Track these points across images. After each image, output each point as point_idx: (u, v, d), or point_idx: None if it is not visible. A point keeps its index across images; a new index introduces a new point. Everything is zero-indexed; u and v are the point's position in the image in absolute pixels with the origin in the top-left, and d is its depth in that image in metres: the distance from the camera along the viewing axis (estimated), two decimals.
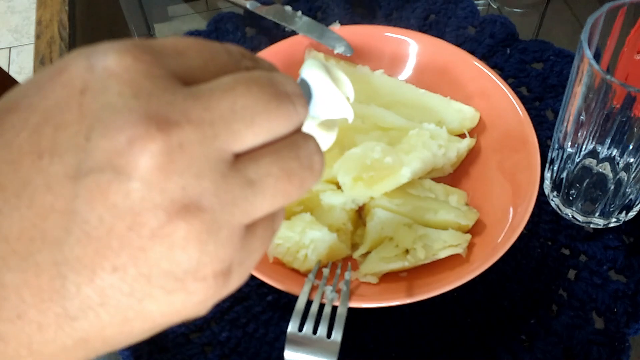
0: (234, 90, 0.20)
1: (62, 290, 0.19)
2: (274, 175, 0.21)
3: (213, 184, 0.20)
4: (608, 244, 0.48)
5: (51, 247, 0.19)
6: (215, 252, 0.20)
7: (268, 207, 0.21)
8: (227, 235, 0.20)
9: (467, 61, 0.53)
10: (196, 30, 0.63)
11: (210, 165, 0.19)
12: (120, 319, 0.20)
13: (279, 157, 0.21)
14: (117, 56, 0.20)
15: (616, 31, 0.44)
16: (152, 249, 0.19)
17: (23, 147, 0.19)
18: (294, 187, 0.21)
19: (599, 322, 0.45)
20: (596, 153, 0.45)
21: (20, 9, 1.81)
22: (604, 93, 0.40)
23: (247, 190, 0.20)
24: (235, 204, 0.20)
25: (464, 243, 0.44)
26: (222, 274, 0.21)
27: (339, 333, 0.39)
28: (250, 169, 0.20)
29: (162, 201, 0.19)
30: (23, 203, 0.19)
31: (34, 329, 0.19)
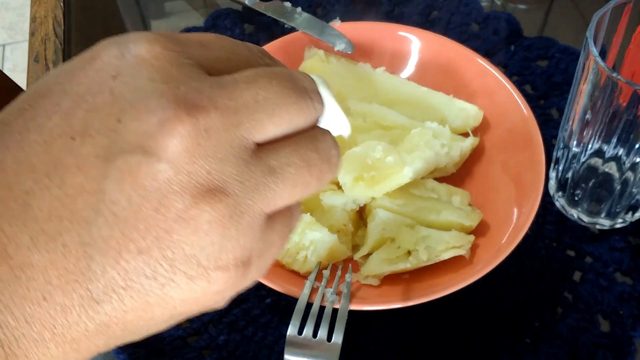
0: (256, 82, 0.21)
1: (87, 271, 0.19)
2: (295, 165, 0.22)
3: (236, 170, 0.20)
4: (614, 245, 0.47)
5: (79, 228, 0.19)
6: (237, 238, 0.21)
7: (288, 196, 0.22)
8: (249, 221, 0.21)
9: (470, 58, 0.52)
10: (193, 27, 0.63)
11: (234, 152, 0.20)
12: (142, 303, 0.20)
13: (298, 148, 0.22)
14: (147, 44, 0.20)
15: (622, 28, 0.43)
16: (177, 231, 0.20)
17: (55, 129, 0.20)
18: (313, 178, 0.22)
19: (604, 325, 0.44)
20: (602, 152, 0.44)
21: (15, 5, 1.80)
22: (610, 91, 0.39)
23: (269, 178, 0.21)
24: (257, 190, 0.21)
25: (467, 244, 0.43)
26: (243, 263, 0.21)
27: (340, 336, 0.38)
28: (272, 157, 0.21)
29: (188, 184, 0.20)
30: (54, 183, 0.19)
31: (59, 311, 0.20)
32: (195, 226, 0.20)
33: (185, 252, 0.20)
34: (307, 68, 0.52)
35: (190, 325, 0.45)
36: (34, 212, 0.19)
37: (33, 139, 0.20)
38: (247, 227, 0.21)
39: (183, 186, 0.20)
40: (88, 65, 0.21)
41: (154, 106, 0.19)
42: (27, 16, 0.68)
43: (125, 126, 0.19)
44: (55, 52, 0.62)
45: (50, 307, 0.20)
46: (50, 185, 0.19)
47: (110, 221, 0.19)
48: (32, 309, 0.20)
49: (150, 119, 0.19)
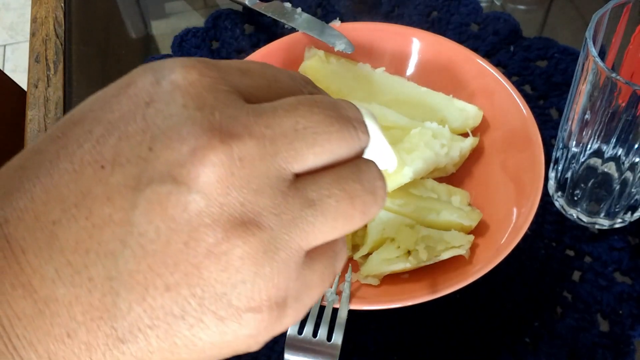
0: (296, 110, 0.20)
1: (113, 308, 0.19)
2: (336, 196, 0.20)
3: (272, 202, 0.19)
4: (613, 245, 0.47)
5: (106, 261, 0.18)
6: (271, 277, 0.19)
7: (329, 231, 0.20)
8: (285, 258, 0.19)
9: (470, 59, 0.52)
10: (194, 27, 0.63)
11: (270, 182, 0.19)
12: (169, 344, 0.19)
13: (340, 178, 0.21)
14: (183, 71, 0.20)
15: (621, 29, 0.43)
16: (207, 267, 0.19)
17: (85, 157, 0.19)
18: (356, 211, 0.21)
19: (604, 325, 0.44)
20: (601, 152, 0.44)
21: (15, 6, 1.80)
22: (609, 91, 0.40)
23: (307, 211, 0.20)
24: (295, 224, 0.20)
25: (466, 244, 0.43)
26: (277, 305, 0.20)
27: (340, 336, 0.38)
28: (311, 188, 0.20)
29: (220, 216, 0.19)
30: (82, 213, 0.19)
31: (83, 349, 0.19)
32: (226, 262, 0.19)
33: (215, 291, 0.19)
34: (307, 68, 0.52)
35: None
36: (60, 243, 0.19)
37: (63, 167, 0.19)
38: (282, 264, 0.19)
39: (215, 218, 0.18)
40: (122, 92, 0.20)
41: (186, 134, 0.19)
42: (28, 17, 0.68)
43: (157, 154, 0.19)
44: (55, 53, 0.62)
45: (75, 345, 0.19)
46: (78, 216, 0.19)
47: (137, 254, 0.18)
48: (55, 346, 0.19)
49: (182, 147, 0.18)
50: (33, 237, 0.19)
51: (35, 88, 0.59)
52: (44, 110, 0.58)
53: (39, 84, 0.60)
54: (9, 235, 0.19)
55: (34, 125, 0.57)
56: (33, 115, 0.57)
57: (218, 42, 0.63)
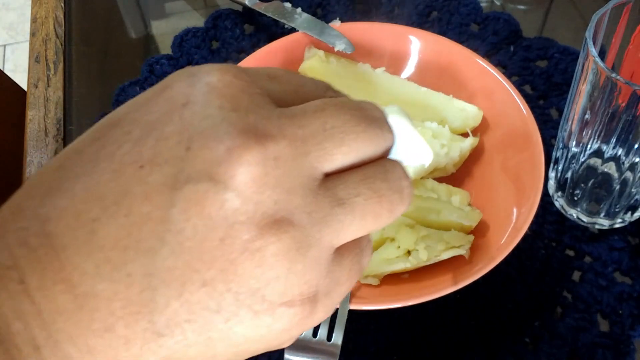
0: (324, 111, 0.21)
1: (151, 303, 0.19)
2: (364, 195, 0.21)
3: (304, 201, 0.20)
4: (613, 245, 0.47)
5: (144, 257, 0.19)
6: (303, 273, 0.20)
7: (357, 229, 0.21)
8: (316, 255, 0.20)
9: (469, 59, 0.52)
10: (194, 27, 0.63)
11: (302, 182, 0.20)
12: (205, 338, 0.20)
13: (367, 178, 0.21)
14: (218, 73, 0.20)
15: (621, 29, 0.43)
16: (242, 264, 0.19)
17: (124, 158, 0.20)
18: (383, 210, 0.21)
19: (604, 325, 0.44)
20: (601, 152, 0.44)
21: (15, 5, 1.80)
22: (609, 91, 0.40)
23: (337, 209, 0.20)
24: (325, 222, 0.20)
25: (466, 244, 0.43)
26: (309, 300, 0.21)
27: (340, 336, 0.38)
28: (340, 188, 0.21)
29: (255, 214, 0.19)
30: (121, 211, 0.19)
31: (121, 343, 0.19)
32: (261, 258, 0.19)
33: (250, 286, 0.19)
34: (307, 68, 0.52)
35: None
36: (100, 241, 0.19)
37: (103, 167, 0.20)
38: (314, 261, 0.20)
39: (249, 216, 0.19)
40: (159, 95, 0.21)
41: (223, 134, 0.19)
42: (28, 16, 0.68)
43: (194, 154, 0.19)
44: (55, 53, 0.62)
45: (113, 340, 0.19)
46: (118, 214, 0.19)
47: (175, 251, 0.19)
48: (94, 340, 0.19)
49: (218, 147, 0.19)
50: (73, 235, 0.19)
51: (35, 88, 0.59)
52: (44, 110, 0.58)
53: (39, 84, 0.60)
54: (50, 233, 0.19)
55: (34, 125, 0.57)
56: (33, 115, 0.57)
57: (218, 42, 0.63)
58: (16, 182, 0.55)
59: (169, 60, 0.61)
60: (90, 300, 0.19)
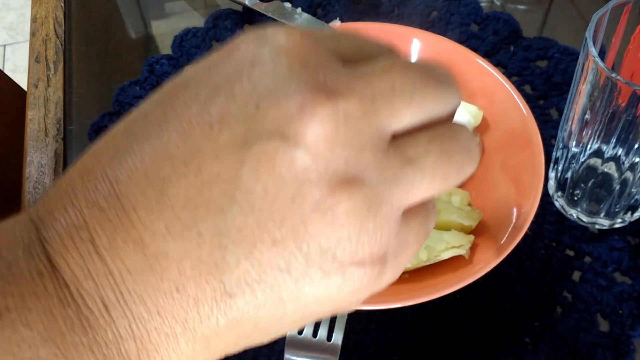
0: (392, 69, 0.20)
1: (221, 263, 0.19)
2: (434, 154, 0.21)
3: (374, 159, 0.19)
4: (613, 245, 0.47)
5: (214, 217, 0.19)
6: (374, 232, 0.20)
7: (426, 188, 0.21)
8: (387, 215, 0.20)
9: (469, 59, 0.52)
10: (194, 27, 0.63)
11: (372, 140, 0.19)
12: (275, 299, 0.20)
13: (436, 137, 0.21)
14: (286, 34, 0.20)
15: (621, 29, 0.43)
16: (313, 222, 0.19)
17: (193, 119, 0.19)
18: (452, 170, 0.21)
19: (604, 325, 0.44)
20: (601, 152, 0.44)
21: (15, 5, 1.80)
22: (609, 91, 0.40)
23: (407, 168, 0.20)
24: (395, 181, 0.20)
25: (466, 244, 0.43)
26: (379, 261, 0.20)
27: (340, 335, 0.38)
28: (410, 146, 0.20)
29: (326, 172, 0.19)
30: (191, 171, 0.19)
31: (191, 304, 0.19)
32: (332, 217, 0.19)
33: (320, 245, 0.19)
34: None
35: None
36: (170, 200, 0.19)
37: (172, 128, 0.20)
38: (384, 220, 0.20)
39: (320, 174, 0.19)
40: (226, 56, 0.21)
41: (293, 91, 0.19)
42: (28, 16, 0.68)
43: (264, 112, 0.19)
44: (56, 53, 0.62)
45: (183, 300, 0.19)
46: (188, 173, 0.19)
47: (245, 210, 0.19)
48: (164, 300, 0.19)
49: (289, 104, 0.19)
50: (144, 195, 0.19)
51: (35, 88, 0.59)
52: (44, 110, 0.58)
53: (39, 84, 0.60)
54: (121, 194, 0.19)
55: (34, 125, 0.57)
56: (33, 115, 0.57)
57: (218, 42, 0.63)
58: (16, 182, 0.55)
59: (169, 60, 0.61)
60: (160, 260, 0.19)
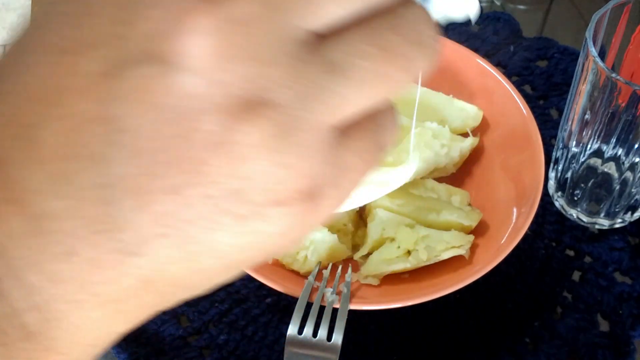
0: None
1: (117, 219, 0.16)
2: (366, 54, 0.16)
3: (284, 72, 0.15)
4: (613, 245, 0.47)
5: (93, 166, 0.16)
6: (294, 164, 0.16)
7: (360, 99, 0.16)
8: (308, 140, 0.16)
9: (470, 59, 0.52)
10: None
11: (280, 47, 0.15)
12: (187, 253, 0.17)
13: (372, 31, 0.16)
14: None
15: (621, 29, 0.43)
16: (214, 162, 0.15)
17: (50, 48, 0.16)
18: (396, 69, 0.17)
19: (604, 325, 0.44)
20: (601, 152, 0.44)
21: (16, 5, 1.80)
22: (609, 91, 0.40)
23: (328, 76, 0.16)
24: (315, 96, 0.16)
25: (466, 244, 0.43)
26: (308, 196, 0.17)
27: (340, 336, 0.38)
28: (334, 48, 0.16)
29: (222, 97, 0.15)
30: (57, 112, 0.15)
31: (91, 267, 0.16)
32: (238, 153, 0.15)
33: (229, 187, 0.16)
34: None
35: (191, 324, 0.45)
36: (41, 151, 0.16)
37: (42, 60, 0.16)
38: (305, 147, 0.16)
39: (215, 101, 0.15)
40: None
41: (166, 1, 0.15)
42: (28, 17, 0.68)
43: (134, 29, 0.15)
44: None
45: (81, 263, 0.16)
46: (54, 116, 0.15)
47: (127, 155, 0.15)
48: (59, 266, 0.16)
49: (163, 15, 0.15)
50: (13, 146, 0.16)
51: None
52: None
53: None
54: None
55: None
56: None
57: None
58: None
59: None
60: (44, 222, 0.16)
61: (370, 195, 0.41)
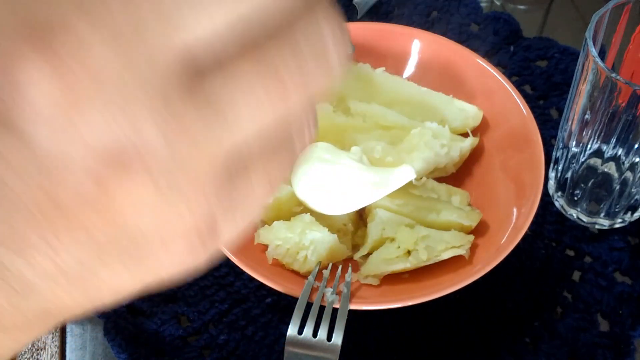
0: None
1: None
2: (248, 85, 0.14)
3: (153, 115, 0.13)
4: (613, 245, 0.47)
5: None
6: (182, 210, 0.14)
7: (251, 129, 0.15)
8: (192, 182, 0.14)
9: (470, 59, 0.52)
10: None
11: (143, 83, 0.13)
12: (80, 291, 0.15)
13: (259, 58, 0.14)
14: None
15: (621, 29, 0.43)
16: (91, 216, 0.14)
17: None
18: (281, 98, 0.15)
19: (604, 325, 0.44)
20: (601, 152, 0.44)
21: None
22: (609, 91, 0.40)
23: (210, 117, 0.14)
24: (194, 140, 0.14)
25: (466, 244, 0.43)
26: (200, 232, 0.15)
27: (340, 336, 0.38)
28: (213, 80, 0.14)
29: (86, 154, 0.13)
30: None
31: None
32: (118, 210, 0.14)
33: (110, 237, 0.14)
34: None
35: (191, 324, 0.45)
36: None
37: None
38: (191, 191, 0.14)
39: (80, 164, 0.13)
40: None
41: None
42: None
43: None
44: None
45: None
46: None
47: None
48: None
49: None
50: None
51: None
52: None
53: None
54: None
55: None
56: None
57: None
58: None
59: None
60: None
61: (370, 196, 0.41)
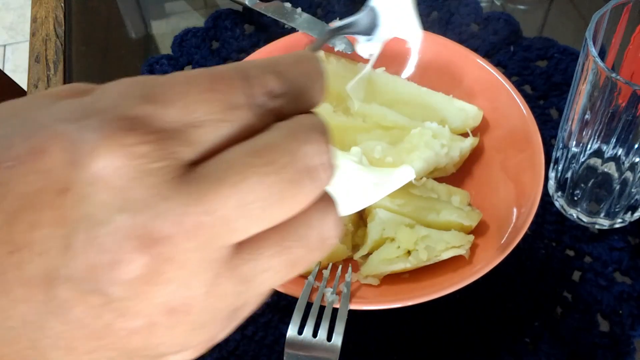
0: (244, 182, 0.17)
1: None
2: (274, 269, 0.19)
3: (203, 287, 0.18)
4: (613, 245, 0.47)
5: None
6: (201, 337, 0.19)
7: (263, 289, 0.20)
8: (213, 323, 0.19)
9: (470, 59, 0.52)
10: (194, 27, 0.63)
11: (204, 267, 0.18)
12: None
13: (283, 249, 0.19)
14: (105, 155, 0.17)
15: (621, 29, 0.43)
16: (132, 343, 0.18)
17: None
18: (295, 271, 0.20)
19: (604, 325, 0.44)
20: (601, 152, 0.44)
21: (15, 5, 1.80)
22: (609, 91, 0.40)
23: (240, 288, 0.19)
24: (224, 301, 0.19)
25: (466, 244, 0.43)
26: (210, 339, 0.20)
27: (340, 336, 0.38)
28: (247, 265, 0.19)
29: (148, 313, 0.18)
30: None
31: None
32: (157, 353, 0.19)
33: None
34: None
35: None
36: None
37: None
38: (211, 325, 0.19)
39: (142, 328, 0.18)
40: (33, 158, 0.17)
41: (103, 242, 0.17)
42: (28, 17, 0.68)
43: (73, 255, 0.17)
44: (56, 53, 0.62)
45: None
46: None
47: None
48: None
49: (98, 257, 0.17)
50: None
51: (35, 88, 0.59)
52: None
53: (39, 84, 0.60)
54: None
55: None
56: None
57: (218, 42, 0.63)
58: None
59: (169, 60, 0.61)
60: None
61: (370, 197, 0.41)
